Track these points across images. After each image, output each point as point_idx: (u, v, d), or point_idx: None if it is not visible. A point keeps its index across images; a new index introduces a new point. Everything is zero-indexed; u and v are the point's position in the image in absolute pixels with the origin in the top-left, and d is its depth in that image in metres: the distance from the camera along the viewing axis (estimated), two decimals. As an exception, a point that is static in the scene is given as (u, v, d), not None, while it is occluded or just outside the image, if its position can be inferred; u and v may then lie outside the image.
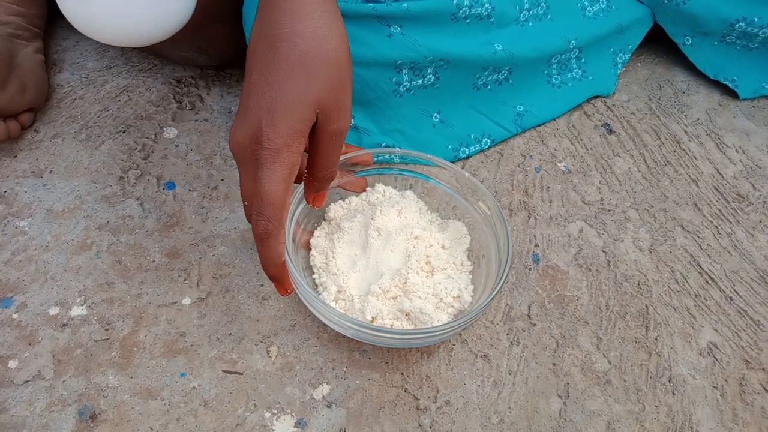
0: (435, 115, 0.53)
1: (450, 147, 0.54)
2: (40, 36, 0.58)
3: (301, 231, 0.45)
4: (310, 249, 0.45)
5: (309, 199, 0.40)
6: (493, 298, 0.39)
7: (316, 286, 0.43)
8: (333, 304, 0.42)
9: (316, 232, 0.46)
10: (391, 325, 0.40)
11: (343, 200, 0.47)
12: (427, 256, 0.43)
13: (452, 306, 0.41)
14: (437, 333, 0.38)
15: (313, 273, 0.44)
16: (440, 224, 0.46)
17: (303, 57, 0.34)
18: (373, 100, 0.49)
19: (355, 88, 0.47)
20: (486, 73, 0.52)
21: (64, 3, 0.41)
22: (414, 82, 0.49)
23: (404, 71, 0.48)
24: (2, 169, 0.52)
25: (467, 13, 0.48)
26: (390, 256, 0.43)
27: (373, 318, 0.41)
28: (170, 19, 0.42)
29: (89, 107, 0.57)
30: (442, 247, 0.44)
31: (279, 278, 0.37)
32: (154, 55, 0.61)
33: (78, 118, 0.56)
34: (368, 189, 0.47)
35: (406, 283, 0.41)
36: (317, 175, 0.38)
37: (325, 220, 0.46)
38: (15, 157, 0.53)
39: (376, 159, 0.47)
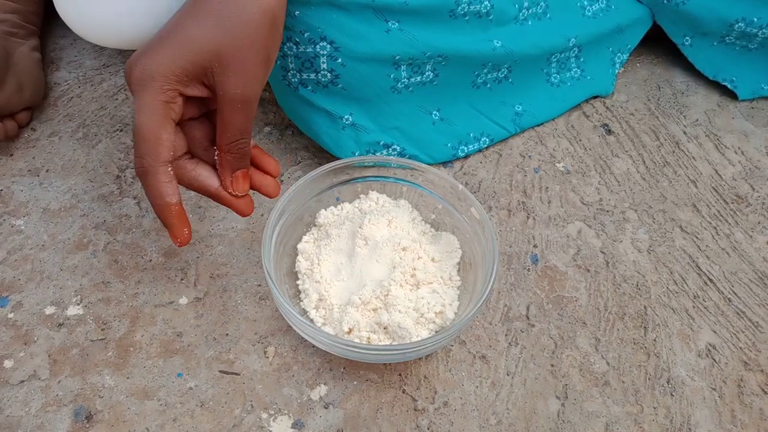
0: (434, 112, 0.52)
1: (449, 145, 0.53)
2: (37, 34, 0.58)
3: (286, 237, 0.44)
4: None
5: (223, 180, 0.38)
6: (471, 317, 0.38)
7: (299, 292, 0.43)
8: (313, 312, 0.41)
9: (305, 238, 0.45)
10: (368, 338, 0.40)
11: (335, 207, 0.46)
12: (414, 269, 0.42)
13: (433, 322, 0.40)
14: (412, 349, 0.37)
15: (298, 279, 0.44)
16: (433, 236, 0.45)
17: (219, 5, 0.34)
18: (371, 97, 0.49)
19: (352, 85, 0.47)
20: (485, 71, 0.52)
21: (60, 5, 0.40)
22: (412, 79, 0.49)
23: (402, 67, 0.48)
24: (-2, 167, 0.52)
25: (466, 10, 0.48)
26: (375, 266, 0.42)
27: (350, 329, 0.40)
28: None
29: (86, 106, 0.57)
30: (432, 260, 0.43)
31: (166, 222, 0.36)
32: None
33: (75, 117, 0.56)
34: (361, 196, 0.47)
35: (387, 295, 0.40)
36: (221, 146, 0.37)
37: (315, 225, 0.46)
38: (11, 155, 0.53)
39: (372, 164, 0.47)
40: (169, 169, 0.36)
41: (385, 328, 0.40)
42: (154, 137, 0.34)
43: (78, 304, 0.44)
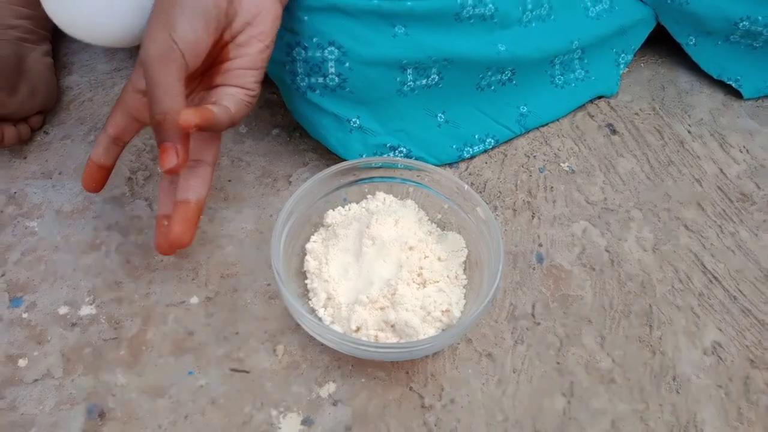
0: (440, 114, 0.53)
1: (454, 147, 0.54)
2: (49, 38, 0.59)
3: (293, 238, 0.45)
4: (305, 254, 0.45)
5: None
6: (478, 315, 0.38)
7: (308, 291, 0.44)
8: (321, 311, 0.42)
9: (313, 238, 0.46)
10: (376, 337, 0.40)
11: (343, 207, 0.47)
12: (420, 268, 0.42)
13: (440, 320, 0.41)
14: (419, 347, 0.38)
15: (306, 278, 0.44)
16: (439, 235, 0.46)
17: None
18: (378, 100, 0.49)
19: (359, 88, 0.48)
20: (489, 74, 0.53)
21: (48, 2, 0.40)
22: (418, 82, 0.49)
23: (408, 71, 0.48)
24: (12, 170, 0.53)
25: (471, 13, 0.48)
26: (382, 265, 0.43)
27: (358, 328, 0.40)
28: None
29: (98, 109, 0.58)
30: (439, 259, 0.44)
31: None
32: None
33: (87, 120, 0.57)
34: (368, 197, 0.47)
35: (394, 294, 0.41)
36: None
37: (323, 226, 0.47)
38: (25, 158, 0.54)
39: (379, 165, 0.47)
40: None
41: (392, 327, 0.41)
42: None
43: (91, 304, 0.45)
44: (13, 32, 0.53)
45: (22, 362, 0.42)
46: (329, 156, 0.54)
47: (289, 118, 0.58)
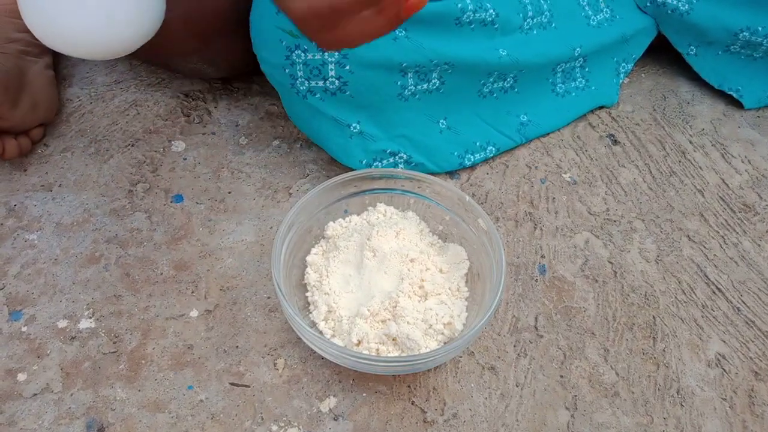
0: (441, 121, 0.53)
1: (456, 154, 0.54)
2: (49, 51, 0.59)
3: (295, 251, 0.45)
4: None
5: None
6: (480, 327, 0.38)
7: (309, 304, 0.43)
8: (322, 324, 0.42)
9: (313, 250, 0.46)
10: (377, 350, 0.40)
11: (343, 219, 0.47)
12: (422, 280, 0.42)
13: (442, 333, 0.41)
14: (421, 361, 0.38)
15: (307, 291, 0.44)
16: (440, 247, 0.46)
17: None
18: (378, 104, 0.49)
19: (360, 92, 0.48)
20: (491, 80, 0.53)
21: (27, 15, 0.40)
22: (419, 87, 0.49)
23: (409, 75, 0.48)
24: (12, 183, 0.53)
25: (471, 18, 0.48)
26: (383, 278, 0.42)
27: (359, 341, 0.40)
28: (139, 30, 0.41)
29: (98, 121, 0.58)
30: (440, 271, 0.44)
31: None
32: (163, 67, 0.61)
33: (87, 132, 0.57)
34: (369, 208, 0.47)
35: (396, 306, 0.41)
36: None
37: (323, 238, 0.47)
38: (25, 171, 0.54)
39: (379, 176, 0.47)
40: None
41: (393, 340, 0.40)
42: None
43: (90, 318, 0.45)
44: (15, 46, 0.53)
45: (21, 376, 0.42)
46: (330, 167, 0.54)
47: (289, 130, 0.58)
